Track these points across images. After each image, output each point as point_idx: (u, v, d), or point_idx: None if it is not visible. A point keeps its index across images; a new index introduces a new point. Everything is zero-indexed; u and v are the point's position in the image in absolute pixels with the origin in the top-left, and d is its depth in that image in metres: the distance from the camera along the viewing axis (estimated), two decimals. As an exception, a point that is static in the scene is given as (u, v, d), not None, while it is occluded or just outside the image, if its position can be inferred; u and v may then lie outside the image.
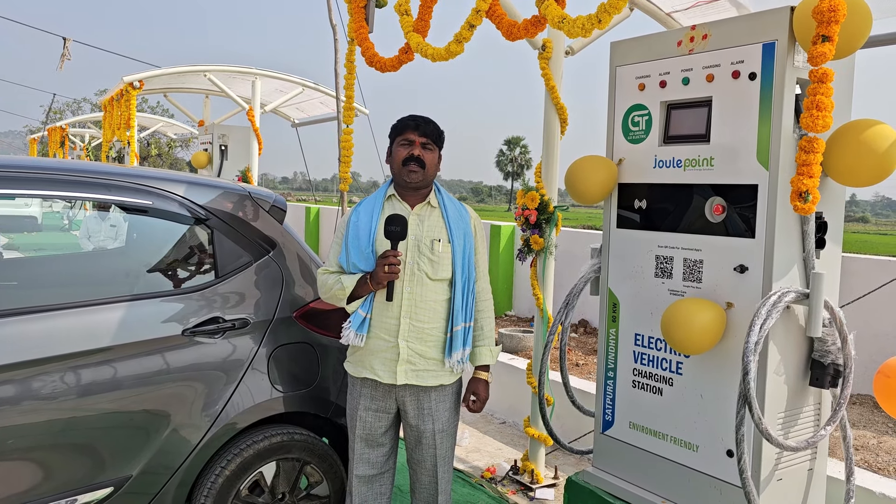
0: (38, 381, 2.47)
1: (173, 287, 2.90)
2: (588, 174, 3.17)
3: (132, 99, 7.68)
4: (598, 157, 3.25)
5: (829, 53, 1.94)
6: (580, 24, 2.12)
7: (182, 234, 3.00)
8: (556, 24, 2.20)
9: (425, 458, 2.88)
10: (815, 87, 1.92)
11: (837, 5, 1.76)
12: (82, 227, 8.32)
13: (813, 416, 2.87)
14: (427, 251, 2.79)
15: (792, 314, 2.74)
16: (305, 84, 8.75)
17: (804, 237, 2.71)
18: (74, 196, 2.76)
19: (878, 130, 2.51)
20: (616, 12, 2.02)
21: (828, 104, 1.88)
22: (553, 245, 4.11)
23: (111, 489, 2.63)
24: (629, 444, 3.22)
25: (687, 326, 2.68)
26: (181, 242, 3.01)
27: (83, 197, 2.76)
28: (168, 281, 2.96)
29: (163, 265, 3.00)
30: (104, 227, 8.24)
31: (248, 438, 2.92)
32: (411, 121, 2.83)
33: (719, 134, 2.83)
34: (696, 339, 2.67)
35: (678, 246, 2.99)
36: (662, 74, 3.03)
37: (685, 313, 2.71)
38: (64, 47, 10.26)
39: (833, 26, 1.80)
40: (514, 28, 2.57)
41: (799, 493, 2.87)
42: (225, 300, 2.92)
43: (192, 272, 2.99)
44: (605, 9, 2.02)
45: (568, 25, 2.16)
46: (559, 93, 4.03)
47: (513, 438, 5.02)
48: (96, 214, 7.98)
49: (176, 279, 2.97)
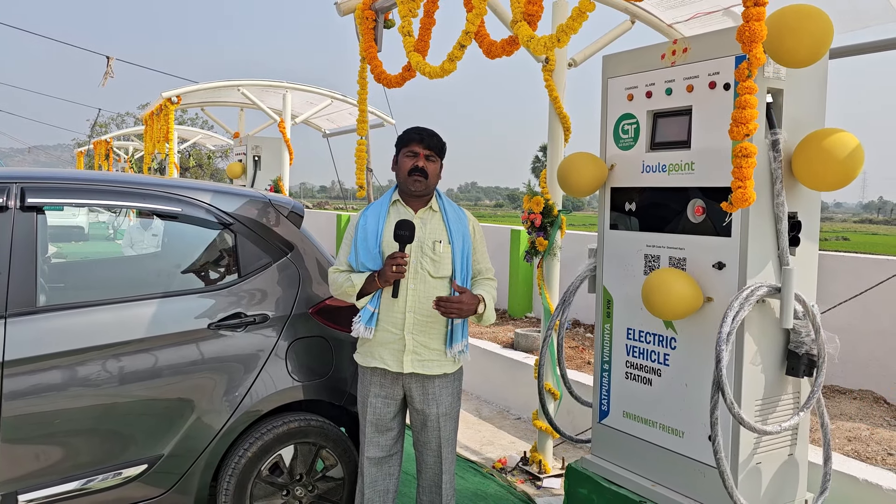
0: (85, 368, 2.80)
1: (200, 285, 3.21)
2: (579, 170, 3.39)
3: (170, 113, 8.12)
4: (588, 155, 3.46)
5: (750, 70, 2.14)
6: (543, 43, 2.36)
7: (208, 238, 3.31)
8: (525, 42, 2.44)
9: (430, 440, 3.13)
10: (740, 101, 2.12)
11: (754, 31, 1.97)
12: (125, 237, 8.78)
13: (791, 404, 3.05)
14: (429, 251, 3.04)
15: (768, 308, 2.93)
16: (334, 96, 9.10)
17: (778, 236, 2.90)
18: (113, 204, 3.09)
19: (839, 138, 2.70)
20: (573, 32, 2.26)
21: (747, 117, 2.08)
22: (558, 247, 4.33)
23: (146, 466, 2.94)
24: (623, 432, 3.43)
25: (665, 293, 2.88)
26: (207, 245, 3.33)
27: (121, 205, 3.10)
28: (196, 280, 3.28)
29: (191, 266, 3.32)
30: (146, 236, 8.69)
31: (269, 424, 3.21)
32: (416, 134, 3.09)
33: (699, 140, 3.04)
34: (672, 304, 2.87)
35: (664, 245, 3.20)
36: (648, 85, 3.25)
37: (663, 281, 2.91)
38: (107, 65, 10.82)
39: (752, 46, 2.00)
40: (493, 47, 2.82)
41: (778, 476, 3.05)
42: (247, 297, 3.21)
43: (218, 272, 3.30)
44: (563, 29, 2.26)
45: (534, 44, 2.40)
46: (562, 103, 4.27)
47: (526, 433, 5.24)
48: (139, 224, 8.43)
49: (203, 278, 3.28)
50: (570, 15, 2.21)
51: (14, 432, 2.69)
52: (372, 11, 3.45)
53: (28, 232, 2.84)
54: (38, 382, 2.74)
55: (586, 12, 2.19)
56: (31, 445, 2.74)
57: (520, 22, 2.44)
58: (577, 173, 3.42)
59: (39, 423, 2.74)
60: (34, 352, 2.74)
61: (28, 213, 2.86)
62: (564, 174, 3.47)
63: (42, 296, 2.82)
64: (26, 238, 2.83)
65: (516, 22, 2.47)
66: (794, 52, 2.57)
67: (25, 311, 2.77)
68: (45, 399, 2.74)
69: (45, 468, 2.76)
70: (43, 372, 2.75)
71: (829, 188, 2.78)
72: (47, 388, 2.75)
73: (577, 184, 3.43)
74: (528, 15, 2.47)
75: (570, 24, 2.22)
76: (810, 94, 3.00)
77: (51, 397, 2.75)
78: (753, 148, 2.23)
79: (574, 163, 3.44)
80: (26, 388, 2.71)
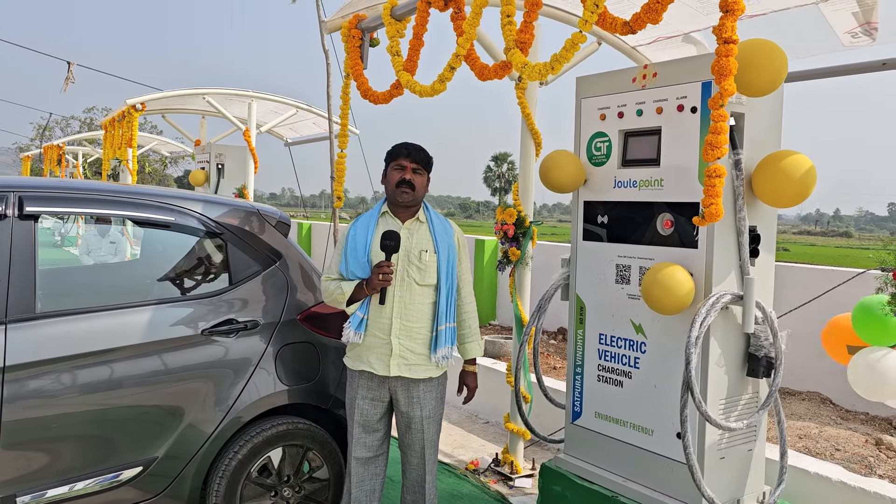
0: (83, 372, 2.87)
1: (193, 292, 3.31)
2: (561, 167, 3.55)
3: (134, 120, 8.10)
4: (569, 153, 3.62)
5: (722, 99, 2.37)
6: (538, 70, 2.55)
7: (200, 246, 3.41)
8: (519, 68, 2.63)
9: (414, 441, 3.28)
10: (713, 127, 2.35)
11: (725, 66, 2.20)
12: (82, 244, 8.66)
13: (751, 403, 3.30)
14: (416, 260, 3.20)
15: (731, 314, 3.18)
16: (299, 106, 9.18)
17: (739, 248, 3.15)
18: (108, 213, 3.17)
19: (795, 160, 2.97)
20: (566, 61, 2.45)
21: (720, 142, 2.30)
22: (529, 256, 4.54)
23: (141, 468, 3.02)
24: (595, 432, 3.63)
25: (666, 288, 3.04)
26: (200, 253, 3.42)
27: (116, 214, 3.17)
28: (188, 287, 3.36)
29: (184, 273, 3.40)
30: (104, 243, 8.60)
31: (258, 427, 3.31)
32: (404, 148, 3.26)
33: (668, 158, 3.27)
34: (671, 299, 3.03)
35: (635, 255, 3.43)
36: (620, 106, 3.48)
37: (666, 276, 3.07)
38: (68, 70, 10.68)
39: (724, 79, 2.23)
40: (485, 70, 3.01)
41: (740, 470, 3.29)
42: (238, 304, 3.32)
43: (210, 279, 3.40)
44: (557, 58, 2.45)
45: (528, 70, 2.60)
46: (534, 119, 4.48)
47: (495, 436, 5.42)
48: (95, 231, 8.33)
49: (196, 285, 3.37)
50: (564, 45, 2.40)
51: (13, 436, 2.74)
52: (358, 31, 3.61)
53: (26, 240, 2.90)
54: (38, 387, 2.79)
55: (578, 43, 2.38)
56: (30, 449, 2.79)
57: (513, 49, 2.63)
58: (558, 170, 3.58)
59: (40, 427, 2.79)
60: (34, 357, 2.80)
61: (26, 221, 2.92)
62: (547, 170, 3.61)
63: (40, 302, 2.88)
64: (25, 246, 2.89)
65: (509, 49, 2.66)
66: (754, 84, 2.83)
67: (25, 318, 2.83)
68: (44, 403, 2.80)
69: (44, 471, 2.81)
70: (42, 377, 2.81)
71: (787, 205, 3.04)
72: (47, 392, 2.81)
73: (558, 179, 3.59)
74: (520, 42, 2.66)
75: (564, 54, 2.42)
76: (768, 117, 3.27)
77: (50, 401, 2.81)
78: (724, 169, 2.46)
79: (557, 160, 3.59)
80: (26, 393, 2.77)
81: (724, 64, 2.18)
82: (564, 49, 2.40)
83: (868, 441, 4.59)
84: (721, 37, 2.20)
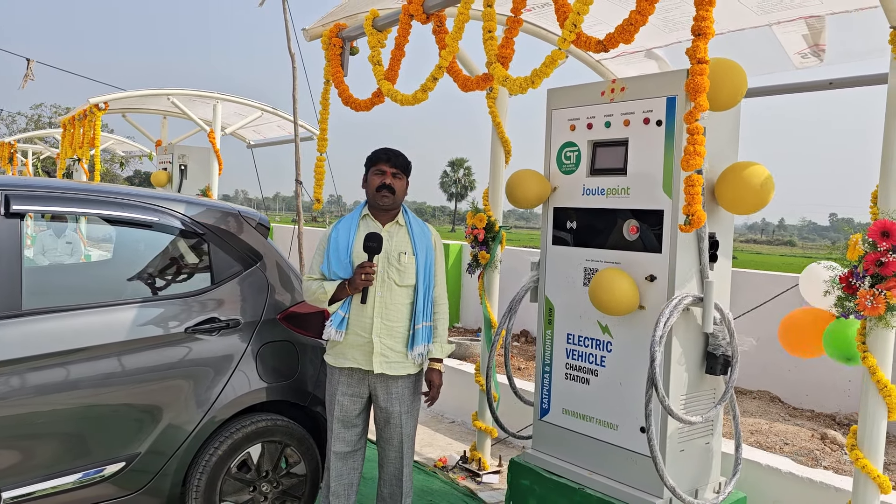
0: (69, 368, 2.92)
1: (177, 291, 3.37)
2: (526, 184, 3.75)
3: (97, 120, 8.02)
4: (533, 172, 3.82)
5: (696, 114, 2.57)
6: (518, 84, 2.71)
7: (183, 246, 3.47)
8: (501, 82, 2.79)
9: (392, 436, 3.40)
10: (691, 139, 2.54)
11: (698, 84, 2.40)
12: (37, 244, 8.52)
13: (709, 399, 3.51)
14: (395, 262, 3.33)
15: (691, 315, 3.38)
16: (264, 108, 9.21)
17: (700, 253, 3.36)
18: (93, 213, 3.21)
19: (754, 170, 3.20)
20: (546, 76, 2.62)
21: (700, 152, 2.50)
22: (498, 260, 4.70)
23: (124, 463, 3.07)
24: (563, 428, 3.80)
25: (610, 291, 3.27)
26: (183, 253, 3.49)
27: (100, 214, 3.22)
28: (172, 286, 3.43)
29: (167, 272, 3.46)
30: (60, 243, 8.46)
31: (238, 423, 3.39)
32: (384, 154, 3.38)
33: (634, 168, 3.47)
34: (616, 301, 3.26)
35: (602, 260, 3.61)
36: (589, 118, 3.67)
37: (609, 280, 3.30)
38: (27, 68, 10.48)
39: (698, 95, 2.43)
40: (468, 82, 3.16)
41: (698, 462, 3.50)
42: (219, 303, 3.40)
43: (192, 279, 3.46)
44: (537, 73, 2.62)
45: (510, 83, 2.75)
46: (504, 128, 4.65)
47: (461, 435, 5.57)
48: (51, 231, 8.21)
49: (179, 284, 3.44)
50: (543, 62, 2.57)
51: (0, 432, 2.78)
52: (339, 39, 3.72)
53: (12, 238, 2.93)
54: (24, 383, 2.83)
55: (557, 60, 2.55)
56: (17, 444, 2.83)
57: (494, 63, 2.79)
58: (523, 187, 3.77)
59: (26, 423, 2.83)
60: (21, 353, 2.83)
61: (12, 219, 2.96)
62: (512, 188, 3.81)
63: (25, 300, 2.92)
64: (11, 244, 2.92)
65: (491, 63, 2.82)
66: (717, 100, 3.05)
67: (11, 315, 2.86)
68: (31, 399, 2.84)
69: (29, 466, 2.85)
70: (29, 373, 2.85)
71: (748, 212, 3.27)
72: (33, 388, 2.85)
73: (523, 196, 3.78)
74: (501, 57, 2.82)
75: (543, 70, 2.59)
76: (727, 131, 3.49)
77: (37, 397, 2.85)
78: (701, 178, 2.66)
79: (521, 178, 3.79)
80: (12, 389, 2.80)
81: (698, 82, 2.37)
82: (544, 65, 2.57)
83: (814, 436, 4.89)
84: (695, 57, 2.39)
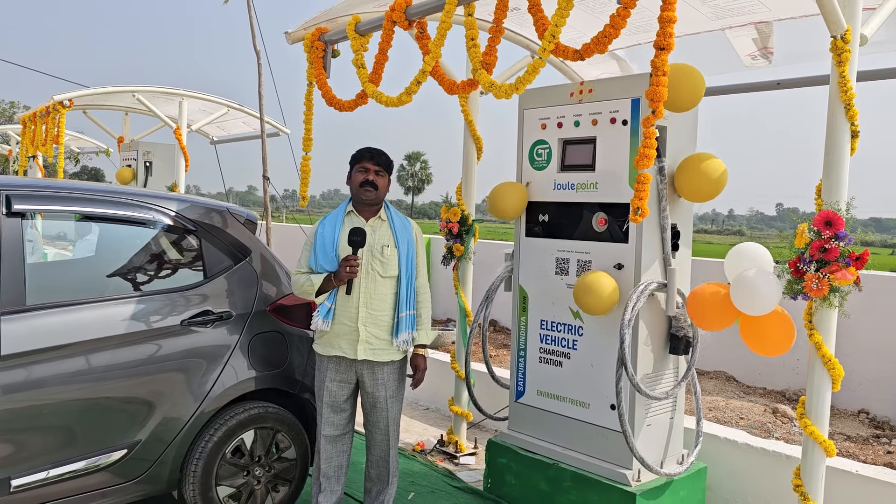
0: (72, 361, 3.05)
1: (172, 286, 3.51)
2: (507, 197, 3.99)
3: (62, 117, 7.98)
4: (513, 184, 4.07)
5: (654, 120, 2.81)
6: (504, 90, 2.93)
7: (177, 242, 3.61)
8: (487, 88, 3.01)
9: (379, 419, 3.60)
10: (646, 142, 2.79)
11: (659, 93, 2.65)
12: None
13: (672, 377, 3.80)
14: (378, 255, 3.53)
15: (655, 300, 3.66)
16: (230, 105, 9.25)
17: (663, 243, 3.64)
18: (91, 212, 3.33)
19: (711, 162, 3.48)
20: (529, 83, 2.84)
21: (651, 154, 2.75)
22: (472, 252, 4.93)
23: (125, 451, 3.21)
24: (537, 408, 4.06)
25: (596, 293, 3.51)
26: (176, 249, 3.63)
27: (98, 213, 3.34)
28: (167, 281, 3.57)
29: (162, 268, 3.60)
30: None
31: (232, 411, 3.55)
32: (367, 152, 3.57)
33: (602, 164, 3.73)
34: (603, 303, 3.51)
35: (573, 250, 3.87)
36: (559, 117, 3.92)
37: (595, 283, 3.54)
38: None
39: (656, 103, 2.68)
40: (454, 86, 3.36)
41: (663, 436, 3.79)
42: (213, 296, 3.55)
43: (186, 274, 3.61)
44: (521, 80, 2.84)
45: (495, 89, 2.97)
46: (476, 126, 4.87)
47: (436, 421, 5.79)
48: None
49: (173, 279, 3.58)
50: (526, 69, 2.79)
51: (8, 422, 2.90)
52: (321, 42, 3.88)
53: (15, 236, 3.05)
54: (31, 376, 2.95)
55: (539, 68, 2.78)
56: (24, 434, 2.95)
57: (479, 70, 3.00)
58: (505, 201, 4.01)
59: (34, 414, 2.95)
60: (26, 347, 2.95)
61: (13, 218, 3.07)
62: (494, 202, 4.04)
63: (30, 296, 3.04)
64: (14, 242, 3.04)
65: (476, 69, 3.03)
66: (678, 102, 3.33)
67: (17, 310, 2.98)
68: (38, 390, 2.96)
69: (37, 454, 2.98)
70: (35, 365, 2.97)
71: (705, 199, 3.56)
72: (39, 380, 2.97)
73: (506, 210, 4.02)
74: (485, 63, 3.03)
75: (527, 77, 2.80)
76: (687, 129, 3.78)
77: (43, 388, 2.97)
78: (650, 176, 2.91)
79: (503, 192, 4.02)
80: (20, 382, 2.93)
81: (658, 92, 2.62)
82: (527, 73, 2.79)
83: (766, 410, 5.25)
84: (659, 69, 2.64)
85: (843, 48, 3.05)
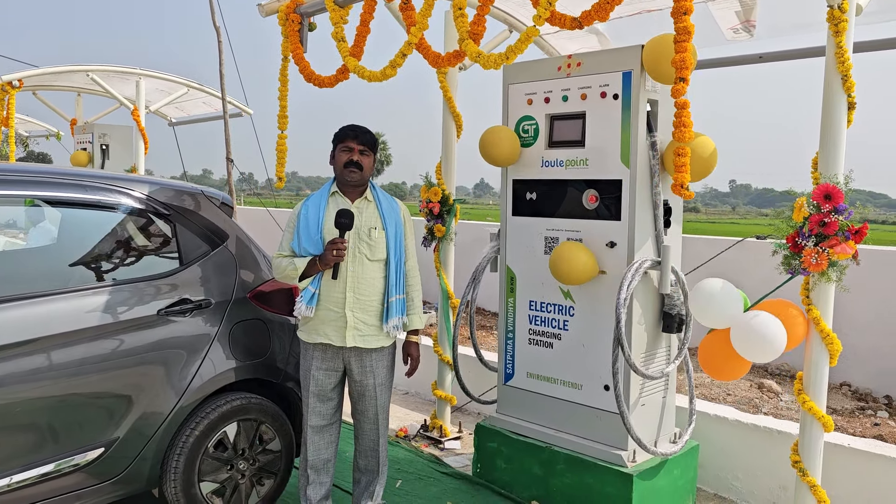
0: (41, 357, 2.84)
1: (146, 273, 3.31)
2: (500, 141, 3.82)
3: (12, 98, 7.58)
4: (506, 129, 3.89)
5: (684, 89, 2.73)
6: (493, 60, 2.80)
7: (149, 228, 3.41)
8: (474, 58, 2.87)
9: (368, 408, 3.48)
10: (679, 112, 2.69)
11: (687, 59, 2.55)
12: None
13: (665, 356, 3.75)
14: (366, 237, 3.38)
15: (649, 278, 3.59)
16: (190, 84, 8.91)
17: (655, 220, 3.57)
18: (54, 196, 3.11)
19: (701, 141, 3.40)
20: (520, 52, 2.72)
21: (690, 123, 2.66)
22: (453, 233, 4.80)
23: (103, 449, 3.03)
24: (528, 391, 3.98)
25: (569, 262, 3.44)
26: (149, 235, 3.42)
27: (61, 196, 3.12)
28: (141, 269, 3.36)
29: (134, 255, 3.39)
30: None
31: (213, 403, 3.38)
32: (351, 131, 3.41)
33: (592, 140, 3.63)
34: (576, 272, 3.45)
35: (562, 228, 3.77)
36: (546, 92, 3.80)
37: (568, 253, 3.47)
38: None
39: (685, 71, 2.58)
40: (439, 58, 3.21)
41: (657, 415, 3.75)
42: (190, 284, 3.36)
43: (160, 261, 3.41)
44: (512, 49, 2.71)
45: (483, 60, 2.83)
46: (455, 103, 4.73)
47: (416, 406, 5.69)
48: None
49: (147, 267, 3.37)
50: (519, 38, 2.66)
51: (-25, 423, 2.70)
52: (297, 15, 3.69)
53: (-26, 224, 2.82)
54: None
55: (532, 37, 2.65)
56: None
57: (466, 40, 2.86)
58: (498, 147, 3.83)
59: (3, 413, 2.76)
60: None
61: (-29, 204, 2.84)
62: (488, 148, 3.84)
63: None
64: (-27, 230, 2.81)
65: (463, 40, 2.88)
66: (668, 73, 3.22)
67: None
68: (3, 389, 2.76)
69: (8, 456, 2.78)
70: (2, 362, 2.76)
71: (695, 179, 3.48)
72: (6, 377, 2.77)
73: (499, 155, 3.85)
74: (472, 34, 2.89)
75: (518, 46, 2.67)
76: (675, 105, 3.69)
77: (10, 386, 2.77)
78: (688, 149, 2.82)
79: (496, 138, 3.83)
80: (-14, 379, 2.72)
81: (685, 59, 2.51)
82: (519, 41, 2.66)
83: (752, 386, 5.28)
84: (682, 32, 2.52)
85: (841, 18, 2.99)
